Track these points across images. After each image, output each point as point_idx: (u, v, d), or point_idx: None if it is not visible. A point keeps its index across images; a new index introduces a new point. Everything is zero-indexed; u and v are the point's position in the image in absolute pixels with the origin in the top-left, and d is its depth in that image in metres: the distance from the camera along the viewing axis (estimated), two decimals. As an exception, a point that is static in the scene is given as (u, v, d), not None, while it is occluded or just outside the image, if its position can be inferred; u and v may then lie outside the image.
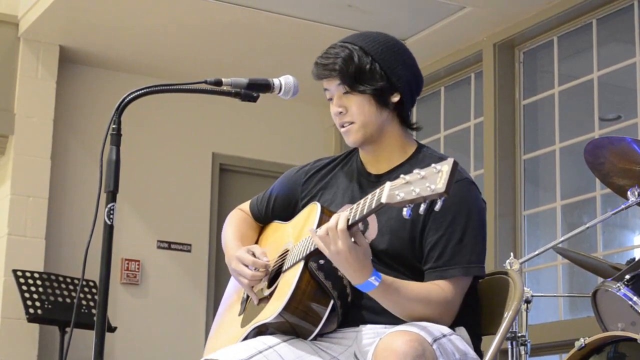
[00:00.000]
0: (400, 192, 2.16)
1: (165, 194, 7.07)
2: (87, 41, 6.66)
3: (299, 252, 2.53)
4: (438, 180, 2.11)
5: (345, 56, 2.57)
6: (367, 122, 2.58)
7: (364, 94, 2.56)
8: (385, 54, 2.59)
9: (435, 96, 6.96)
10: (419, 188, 2.13)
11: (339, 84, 2.58)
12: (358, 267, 2.34)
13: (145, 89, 2.49)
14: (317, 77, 2.63)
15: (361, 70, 2.55)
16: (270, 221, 2.88)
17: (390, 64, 2.59)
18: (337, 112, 2.60)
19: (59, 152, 6.74)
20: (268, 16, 6.19)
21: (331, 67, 2.57)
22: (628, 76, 5.65)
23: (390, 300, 2.41)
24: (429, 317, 2.42)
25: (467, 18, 6.15)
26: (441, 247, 2.48)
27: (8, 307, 6.29)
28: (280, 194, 2.83)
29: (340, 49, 2.59)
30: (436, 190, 2.10)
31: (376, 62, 2.56)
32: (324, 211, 2.57)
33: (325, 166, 2.78)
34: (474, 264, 2.49)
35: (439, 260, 2.48)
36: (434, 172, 2.12)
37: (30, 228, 6.45)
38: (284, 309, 2.45)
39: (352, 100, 2.58)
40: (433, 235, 2.49)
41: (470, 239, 2.49)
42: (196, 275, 7.05)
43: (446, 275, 2.46)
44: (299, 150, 7.33)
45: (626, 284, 3.71)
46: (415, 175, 2.15)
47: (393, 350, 2.24)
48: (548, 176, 6.11)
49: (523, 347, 4.02)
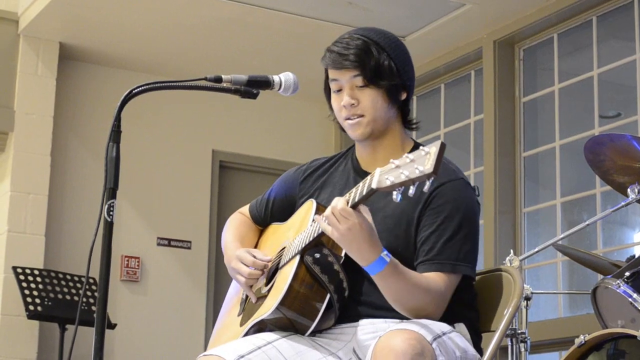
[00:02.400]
0: (389, 177, 2.17)
1: (165, 191, 7.07)
2: (87, 38, 6.66)
3: (295, 247, 2.54)
4: (426, 162, 2.11)
5: (364, 48, 2.55)
6: (377, 118, 2.57)
7: (379, 88, 2.55)
8: (397, 51, 2.59)
9: (435, 93, 6.96)
10: (408, 171, 2.13)
11: (355, 76, 2.55)
12: (370, 243, 2.33)
13: (147, 86, 2.50)
14: (332, 66, 2.59)
15: (380, 65, 2.55)
16: (269, 223, 2.88)
17: (402, 61, 2.59)
18: (348, 103, 2.57)
19: (59, 149, 6.74)
20: (268, 13, 6.19)
21: (352, 57, 2.54)
22: (628, 73, 5.65)
23: (396, 284, 2.39)
24: (426, 307, 2.42)
25: (467, 15, 6.15)
26: (432, 242, 2.49)
27: (8, 304, 6.29)
28: (279, 195, 2.83)
29: (358, 40, 2.56)
30: (424, 172, 2.10)
31: (392, 59, 2.56)
32: (320, 207, 2.58)
33: (321, 165, 2.78)
34: (462, 262, 2.49)
35: (428, 254, 2.48)
36: (422, 155, 2.13)
37: (30, 225, 6.44)
38: (280, 304, 2.45)
39: (366, 94, 2.56)
40: (425, 231, 2.50)
41: (460, 237, 2.49)
42: (196, 272, 7.05)
43: (435, 269, 2.47)
44: (299, 147, 7.33)
45: (626, 281, 3.71)
46: (404, 159, 2.16)
47: (392, 349, 2.24)
48: (548, 173, 6.11)
49: (523, 344, 4.02)
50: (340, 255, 2.49)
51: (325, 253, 2.46)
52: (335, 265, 2.47)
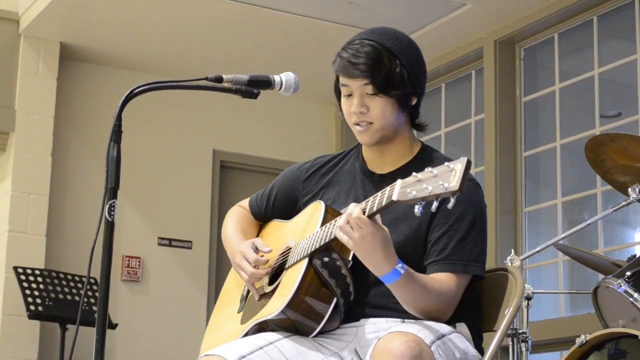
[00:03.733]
0: (412, 190, 2.16)
1: (166, 190, 7.07)
2: (87, 38, 6.66)
3: (302, 249, 2.52)
4: (452, 179, 2.10)
5: (375, 57, 2.52)
6: (386, 125, 2.56)
7: (389, 97, 2.54)
8: (409, 58, 2.57)
9: (436, 93, 6.96)
10: (432, 186, 2.12)
11: (366, 84, 2.53)
12: (384, 254, 2.32)
13: (148, 86, 2.49)
14: (343, 75, 2.56)
15: (391, 74, 2.53)
16: (269, 219, 2.87)
17: (414, 68, 2.57)
18: (358, 111, 2.55)
19: (60, 149, 6.74)
20: (269, 13, 6.19)
21: (362, 67, 2.51)
22: (629, 73, 5.65)
23: (410, 292, 2.39)
24: (437, 308, 2.43)
25: (467, 15, 6.15)
26: (444, 242, 2.48)
27: (9, 304, 6.29)
28: (281, 192, 2.81)
29: (369, 47, 2.53)
30: (450, 189, 2.09)
31: (403, 66, 2.54)
32: (328, 210, 2.57)
33: (326, 163, 2.76)
34: (473, 262, 2.50)
35: (440, 254, 2.48)
36: (447, 170, 2.12)
37: (31, 225, 6.45)
38: (286, 306, 2.44)
39: (377, 102, 2.54)
40: (437, 232, 2.50)
41: (472, 238, 2.50)
42: (197, 272, 7.05)
43: (447, 269, 2.47)
44: (300, 147, 7.33)
45: (627, 281, 3.71)
46: (428, 173, 2.15)
47: (390, 352, 2.24)
48: (549, 173, 6.11)
49: (524, 343, 4.03)
50: (348, 259, 2.48)
51: (334, 257, 2.45)
52: (343, 269, 2.46)
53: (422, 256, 2.52)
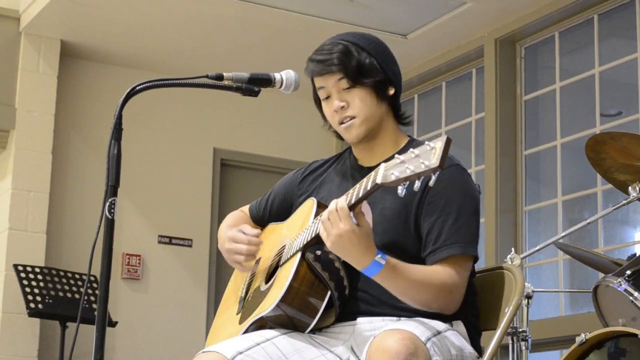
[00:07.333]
0: (394, 171, 2.18)
1: (166, 188, 7.07)
2: (88, 36, 6.66)
3: (296, 245, 2.55)
4: (432, 156, 2.12)
5: (344, 50, 2.61)
6: (369, 116, 2.61)
7: (365, 87, 2.59)
8: (378, 50, 2.65)
9: (436, 91, 6.96)
10: (413, 165, 2.14)
11: (339, 79, 2.60)
12: (362, 249, 2.34)
13: (148, 84, 2.50)
14: (315, 74, 2.65)
15: (362, 64, 2.60)
16: (267, 223, 2.91)
17: (384, 58, 2.65)
18: (338, 107, 2.62)
19: (60, 146, 6.74)
20: (269, 11, 6.19)
21: (331, 62, 2.60)
22: (629, 72, 5.65)
23: (399, 283, 2.40)
24: (436, 299, 2.43)
25: (468, 13, 6.15)
26: (438, 229, 2.49)
27: (9, 301, 6.29)
28: (278, 196, 2.88)
29: (335, 45, 2.63)
30: (430, 166, 2.11)
31: (372, 56, 2.62)
32: (320, 205, 2.60)
33: (319, 167, 2.83)
34: (471, 243, 2.50)
35: (437, 242, 2.49)
36: (428, 150, 2.14)
37: (31, 223, 6.45)
38: (281, 301, 2.46)
39: (355, 94, 2.61)
40: (428, 220, 2.51)
41: (465, 219, 2.51)
42: (197, 270, 7.05)
43: (445, 255, 2.47)
44: (300, 146, 7.33)
45: (627, 280, 3.71)
46: (410, 154, 2.17)
47: (385, 350, 2.25)
48: (549, 172, 6.11)
49: (524, 342, 4.02)
50: None
51: (327, 250, 2.46)
52: (336, 262, 2.48)
53: (413, 244, 2.52)
